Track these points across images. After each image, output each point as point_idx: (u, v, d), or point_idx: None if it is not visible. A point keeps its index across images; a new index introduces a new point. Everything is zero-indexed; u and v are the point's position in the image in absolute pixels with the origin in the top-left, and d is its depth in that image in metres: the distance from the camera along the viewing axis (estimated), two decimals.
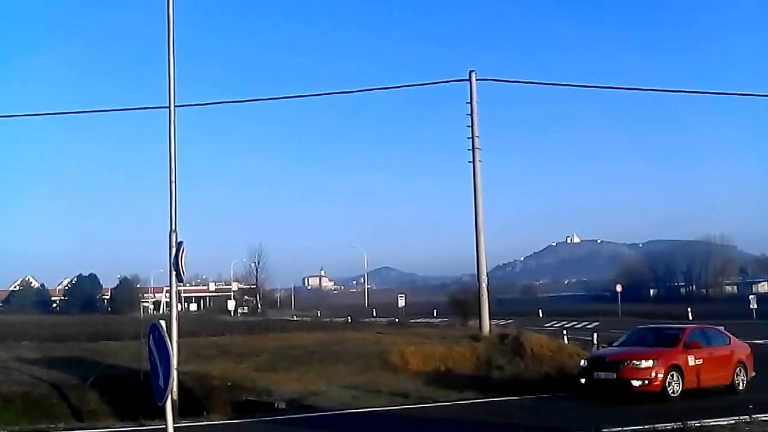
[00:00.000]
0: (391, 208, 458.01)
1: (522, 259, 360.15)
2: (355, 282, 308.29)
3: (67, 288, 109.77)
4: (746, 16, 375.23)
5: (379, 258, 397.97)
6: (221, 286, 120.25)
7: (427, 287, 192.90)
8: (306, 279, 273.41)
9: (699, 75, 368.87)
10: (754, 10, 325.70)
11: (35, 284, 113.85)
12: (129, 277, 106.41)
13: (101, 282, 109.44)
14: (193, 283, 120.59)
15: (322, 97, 77.12)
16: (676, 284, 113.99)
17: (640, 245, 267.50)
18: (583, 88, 60.81)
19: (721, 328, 20.78)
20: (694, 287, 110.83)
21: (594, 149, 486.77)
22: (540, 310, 72.82)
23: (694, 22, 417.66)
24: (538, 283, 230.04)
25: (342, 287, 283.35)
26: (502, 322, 40.13)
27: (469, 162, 27.55)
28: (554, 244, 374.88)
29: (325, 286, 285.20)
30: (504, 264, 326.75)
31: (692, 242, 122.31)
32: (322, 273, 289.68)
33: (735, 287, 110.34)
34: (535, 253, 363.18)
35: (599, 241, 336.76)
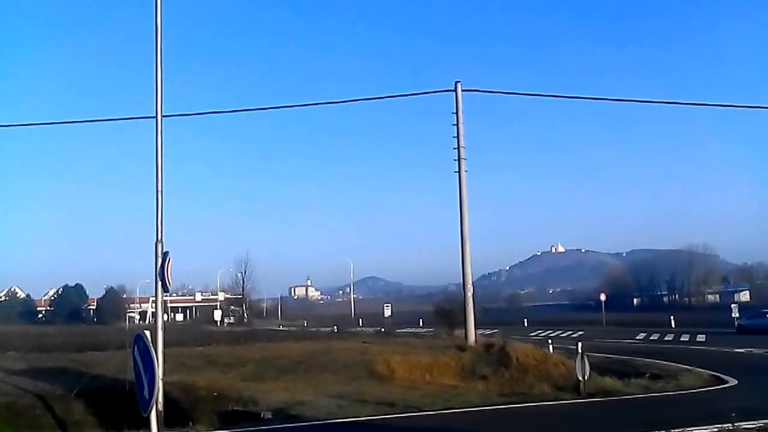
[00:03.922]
0: (378, 217, 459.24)
1: (507, 268, 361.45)
2: (341, 291, 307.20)
3: (53, 298, 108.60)
4: (729, 29, 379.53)
5: (365, 267, 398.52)
6: (207, 296, 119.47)
7: (413, 297, 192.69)
8: (292, 289, 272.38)
9: (682, 86, 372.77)
10: (729, 23, 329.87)
11: (21, 294, 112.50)
12: (115, 288, 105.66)
13: (87, 292, 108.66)
14: (180, 293, 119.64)
15: (308, 107, 77.45)
16: (659, 293, 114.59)
17: (624, 254, 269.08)
18: (568, 99, 61.20)
19: None
20: (677, 296, 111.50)
21: (578, 159, 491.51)
22: (525, 320, 72.98)
23: (676, 34, 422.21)
24: (523, 292, 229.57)
25: (328, 297, 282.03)
26: (487, 332, 40.26)
27: (455, 172, 27.72)
28: (539, 253, 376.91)
29: (312, 296, 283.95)
30: (489, 273, 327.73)
31: (675, 251, 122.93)
32: (309, 283, 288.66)
33: (717, 296, 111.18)
34: (520, 262, 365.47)
35: (583, 251, 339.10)
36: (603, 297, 68.52)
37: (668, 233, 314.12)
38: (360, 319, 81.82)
